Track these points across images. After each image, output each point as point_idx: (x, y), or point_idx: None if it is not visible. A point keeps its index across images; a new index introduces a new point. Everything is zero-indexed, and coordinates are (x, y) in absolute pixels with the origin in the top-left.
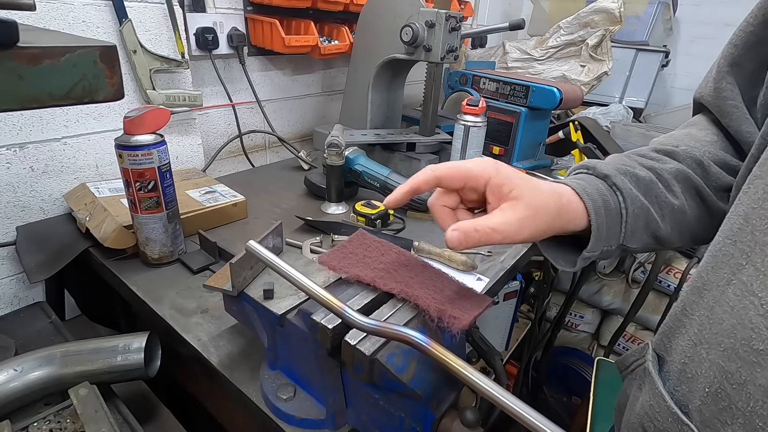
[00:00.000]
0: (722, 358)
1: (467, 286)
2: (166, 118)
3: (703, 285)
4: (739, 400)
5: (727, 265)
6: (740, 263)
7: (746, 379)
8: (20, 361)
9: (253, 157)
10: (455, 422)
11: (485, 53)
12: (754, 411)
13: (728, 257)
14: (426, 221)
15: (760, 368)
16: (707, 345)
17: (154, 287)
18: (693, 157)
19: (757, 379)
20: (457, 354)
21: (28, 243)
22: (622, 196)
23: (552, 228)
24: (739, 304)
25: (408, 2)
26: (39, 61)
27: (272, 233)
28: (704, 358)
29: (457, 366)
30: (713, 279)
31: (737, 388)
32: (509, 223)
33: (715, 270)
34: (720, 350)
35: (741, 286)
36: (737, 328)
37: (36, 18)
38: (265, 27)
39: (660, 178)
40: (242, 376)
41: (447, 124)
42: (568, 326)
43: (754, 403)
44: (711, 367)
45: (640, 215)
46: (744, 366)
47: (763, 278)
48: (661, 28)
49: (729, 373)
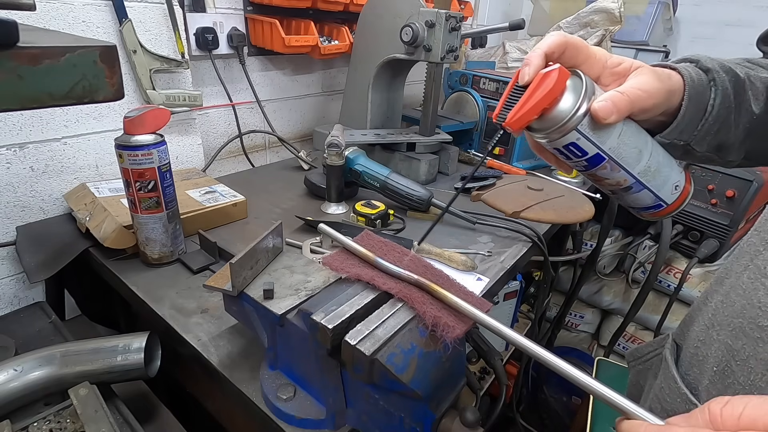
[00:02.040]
0: (730, 337)
1: (468, 290)
2: (166, 118)
3: (725, 274)
4: (741, 375)
5: (748, 253)
6: (758, 250)
7: (749, 354)
8: (20, 361)
9: (253, 157)
10: (455, 422)
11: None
12: (753, 384)
13: (750, 246)
14: (426, 221)
15: (762, 343)
16: (718, 327)
17: (154, 287)
18: None
19: (759, 353)
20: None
21: (28, 243)
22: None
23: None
24: (751, 286)
25: (408, 2)
26: (39, 61)
27: (272, 233)
28: (714, 339)
29: None
30: (734, 267)
31: (741, 364)
32: (649, 83)
33: (737, 259)
34: (729, 330)
35: (755, 270)
36: (746, 308)
37: (36, 18)
38: (265, 27)
39: (752, 85)
40: (242, 376)
41: (447, 124)
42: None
43: (754, 376)
44: (720, 347)
45: (719, 119)
46: (749, 342)
47: None
48: (661, 28)
49: (735, 351)
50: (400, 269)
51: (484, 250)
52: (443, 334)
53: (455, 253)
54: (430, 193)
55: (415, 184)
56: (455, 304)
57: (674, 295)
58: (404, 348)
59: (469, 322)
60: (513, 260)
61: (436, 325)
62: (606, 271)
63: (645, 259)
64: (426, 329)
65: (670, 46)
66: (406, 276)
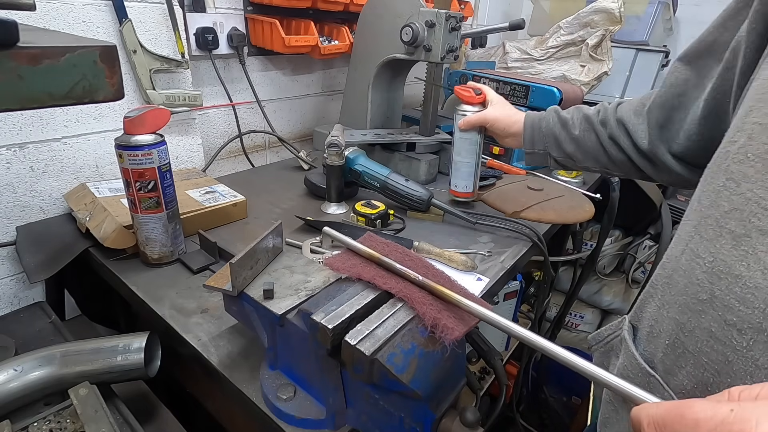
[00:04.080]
0: (678, 313)
1: (468, 292)
2: (166, 118)
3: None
4: (690, 344)
5: (683, 240)
6: (691, 235)
7: (695, 325)
8: (20, 361)
9: (253, 157)
10: (455, 422)
11: (485, 53)
12: (701, 351)
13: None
14: (426, 221)
15: (704, 315)
16: (668, 306)
17: (154, 287)
18: (608, 111)
19: (702, 323)
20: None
21: (28, 243)
22: (543, 120)
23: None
24: (689, 266)
25: (408, 2)
26: (39, 61)
27: (272, 233)
28: (665, 317)
29: None
30: (673, 253)
31: (688, 335)
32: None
33: (675, 245)
34: (676, 307)
35: (690, 253)
36: (688, 286)
37: (36, 18)
38: (265, 27)
39: (576, 117)
40: (242, 376)
41: (447, 124)
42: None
43: (701, 344)
44: (670, 323)
45: (550, 134)
46: (693, 316)
47: (706, 243)
48: (661, 28)
49: (682, 324)
50: (406, 268)
51: (484, 250)
52: (442, 336)
53: (455, 253)
54: (430, 193)
55: (415, 184)
56: (459, 303)
57: None
58: (404, 348)
59: (468, 324)
60: (513, 260)
61: (435, 326)
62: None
63: (645, 259)
64: (426, 329)
65: (670, 46)
66: (412, 276)
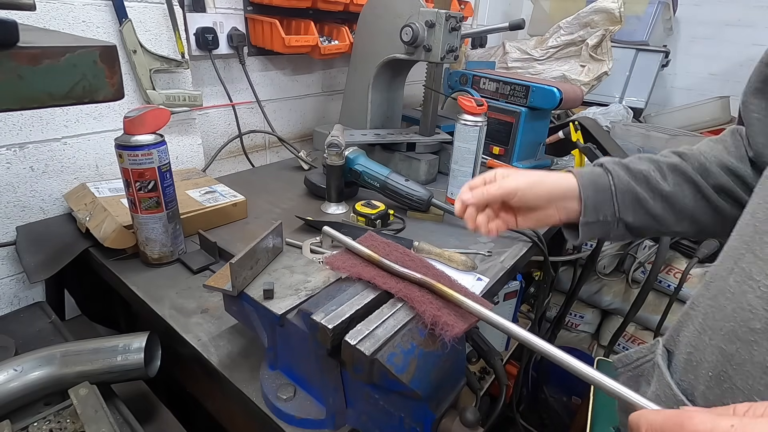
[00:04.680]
0: (723, 341)
1: (469, 291)
2: (166, 118)
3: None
4: (739, 379)
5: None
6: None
7: (745, 358)
8: (20, 361)
9: (253, 157)
10: (455, 422)
11: (485, 53)
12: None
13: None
14: (426, 221)
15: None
16: (711, 331)
17: (154, 287)
18: (696, 158)
19: (755, 357)
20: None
21: (28, 243)
22: (611, 175)
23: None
24: (739, 289)
25: (408, 2)
26: (39, 61)
27: (272, 233)
28: (707, 344)
29: None
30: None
31: (737, 368)
32: None
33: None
34: (721, 334)
35: (741, 273)
36: (737, 311)
37: (36, 18)
38: (265, 27)
39: (659, 168)
40: (242, 376)
41: (447, 124)
42: (568, 326)
43: (753, 380)
44: (713, 352)
45: (628, 192)
46: (743, 346)
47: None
48: (661, 28)
49: (730, 355)
50: (406, 269)
51: (484, 250)
52: (442, 333)
53: (455, 253)
54: (430, 193)
55: (415, 184)
56: (460, 302)
57: (674, 295)
58: (404, 348)
59: (468, 321)
60: (513, 260)
61: (435, 323)
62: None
63: (645, 259)
64: (425, 329)
65: (670, 46)
66: (411, 276)
